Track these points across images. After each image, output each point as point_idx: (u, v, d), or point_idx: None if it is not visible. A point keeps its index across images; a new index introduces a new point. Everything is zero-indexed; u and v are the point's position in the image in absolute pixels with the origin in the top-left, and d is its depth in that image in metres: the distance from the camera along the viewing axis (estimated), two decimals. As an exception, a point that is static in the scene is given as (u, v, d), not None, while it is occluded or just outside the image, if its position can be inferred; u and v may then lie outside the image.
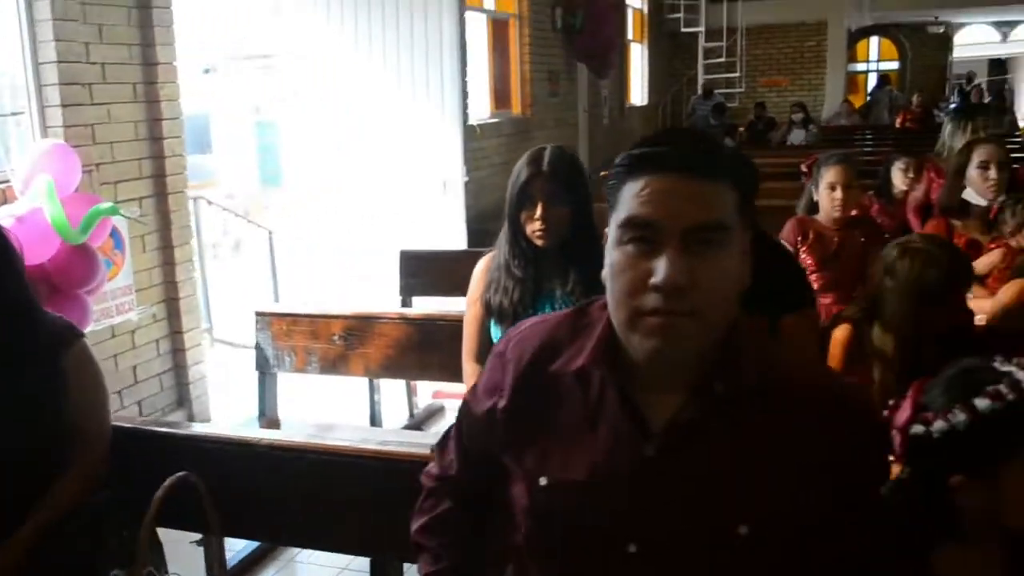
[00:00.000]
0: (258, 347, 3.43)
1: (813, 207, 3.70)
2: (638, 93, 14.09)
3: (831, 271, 3.58)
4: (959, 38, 19.21)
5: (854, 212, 4.43)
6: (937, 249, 2.23)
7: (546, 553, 1.24)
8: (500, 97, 8.43)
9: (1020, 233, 3.28)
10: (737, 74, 14.71)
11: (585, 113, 10.73)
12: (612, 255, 1.14)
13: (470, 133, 7.19)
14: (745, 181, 1.17)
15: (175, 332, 4.51)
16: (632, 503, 1.16)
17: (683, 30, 14.44)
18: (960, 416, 1.33)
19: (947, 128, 4.66)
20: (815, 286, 3.56)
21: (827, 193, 3.52)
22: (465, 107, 6.64)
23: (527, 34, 8.57)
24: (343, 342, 3.21)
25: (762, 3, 15.48)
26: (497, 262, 2.55)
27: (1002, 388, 1.32)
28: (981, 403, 1.32)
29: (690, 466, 1.15)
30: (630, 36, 13.50)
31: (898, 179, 4.89)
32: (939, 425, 1.34)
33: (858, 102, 17.13)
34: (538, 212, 2.40)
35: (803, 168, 3.79)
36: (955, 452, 1.35)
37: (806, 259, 3.59)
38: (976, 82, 18.44)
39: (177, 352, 4.54)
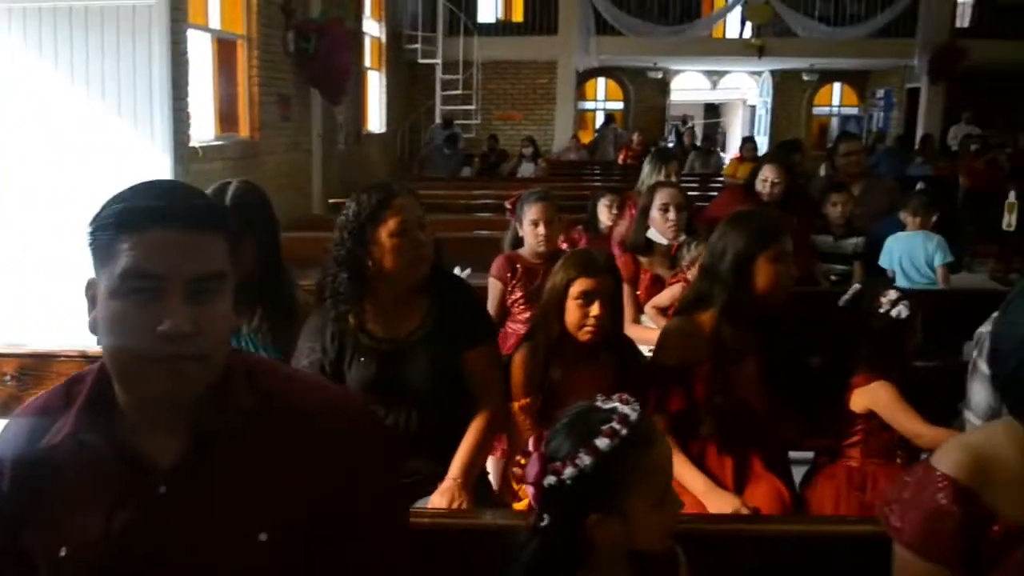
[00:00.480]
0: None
1: (518, 242, 3.86)
2: (376, 120, 14.12)
3: (538, 303, 3.74)
4: (676, 83, 20.79)
5: (562, 245, 4.70)
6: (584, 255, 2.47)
7: None
8: (227, 119, 8.16)
9: (695, 268, 3.59)
10: (473, 106, 15.12)
11: (319, 138, 10.61)
12: (109, 307, 1.19)
13: (191, 155, 6.94)
14: (231, 231, 1.26)
15: None
16: (155, 542, 1.22)
17: (420, 61, 14.68)
18: (586, 459, 1.42)
19: (645, 168, 5.03)
20: (524, 316, 3.73)
21: (531, 229, 3.68)
22: (181, 129, 6.41)
23: (256, 56, 8.37)
24: (15, 383, 2.97)
25: (497, 40, 16.09)
26: None
27: (615, 425, 1.43)
28: (601, 443, 1.42)
29: (204, 493, 1.24)
30: (368, 64, 13.54)
31: (603, 214, 5.18)
32: (569, 471, 1.42)
33: (587, 138, 18.09)
34: None
35: (507, 205, 3.93)
36: (587, 493, 1.43)
37: (515, 293, 3.73)
38: (690, 124, 20.02)
39: None
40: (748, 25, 16.98)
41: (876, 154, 12.32)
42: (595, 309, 2.36)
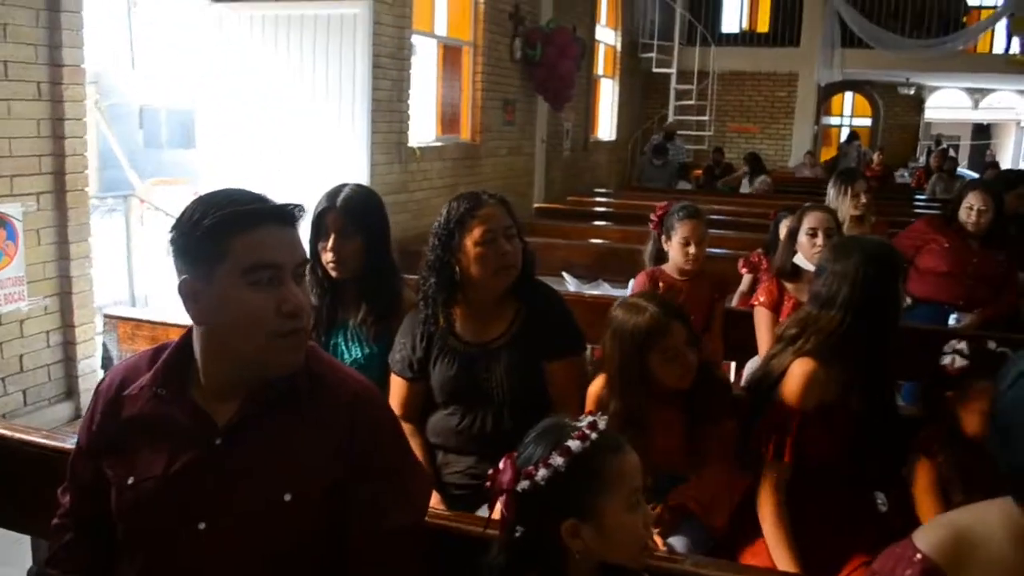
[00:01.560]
0: (104, 348, 3.52)
1: (660, 256, 3.76)
2: (606, 128, 14.23)
3: None
4: (932, 100, 19.46)
5: (742, 269, 4.56)
6: (643, 301, 2.32)
7: (136, 541, 1.48)
8: (449, 122, 8.54)
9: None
10: (707, 117, 14.87)
11: (543, 143, 10.85)
12: (230, 296, 1.39)
13: (409, 155, 7.33)
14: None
15: (67, 325, 4.59)
16: (204, 485, 1.43)
17: (655, 70, 14.62)
18: (559, 459, 1.43)
19: (830, 190, 4.77)
20: None
21: (680, 247, 3.58)
22: (400, 129, 6.79)
23: (480, 62, 8.69)
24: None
25: (736, 50, 15.75)
26: None
27: (585, 429, 1.46)
28: (573, 444, 1.44)
29: (249, 451, 1.44)
30: (601, 72, 13.68)
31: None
32: (543, 473, 1.44)
33: (831, 155, 17.33)
34: (330, 244, 2.52)
35: (652, 217, 3.83)
36: (561, 495, 1.44)
37: None
38: (943, 145, 18.66)
39: (68, 345, 4.62)
40: (1016, 40, 15.57)
41: None
42: (682, 362, 2.28)
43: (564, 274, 5.46)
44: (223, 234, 1.38)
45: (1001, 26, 15.46)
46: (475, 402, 2.38)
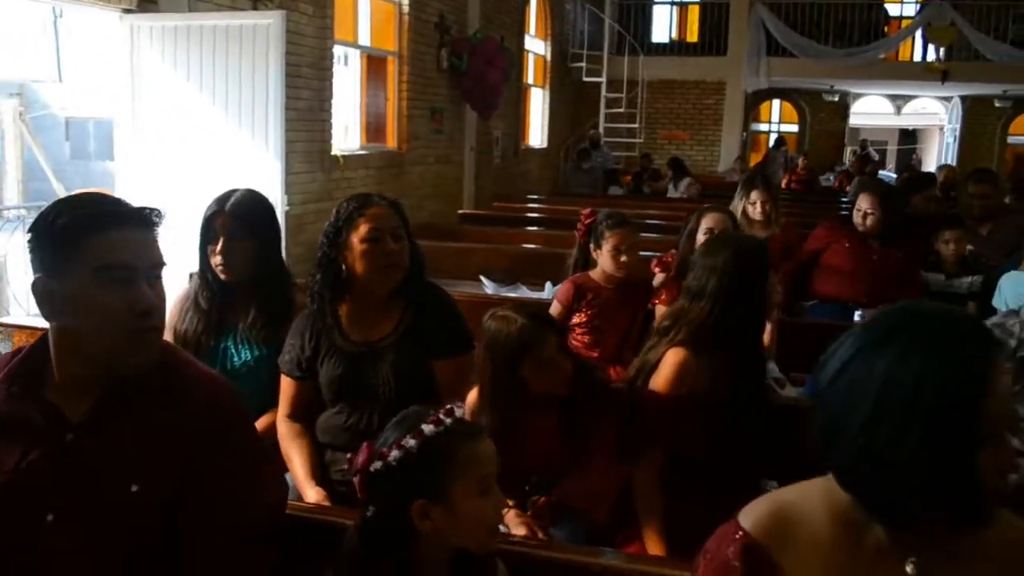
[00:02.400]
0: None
1: (586, 262, 3.80)
2: (537, 136, 14.35)
3: (601, 328, 3.68)
4: (856, 107, 19.96)
5: (655, 268, 4.65)
6: (514, 312, 2.35)
7: None
8: (375, 130, 8.56)
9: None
10: (637, 125, 15.09)
11: (472, 151, 10.92)
12: (82, 296, 1.44)
13: (332, 163, 7.35)
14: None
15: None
16: (51, 482, 1.46)
17: (586, 79, 14.80)
18: (411, 442, 1.49)
19: (737, 193, 4.93)
20: (585, 339, 3.71)
21: (612, 255, 3.59)
22: (322, 138, 6.81)
23: (406, 71, 8.73)
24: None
25: (664, 59, 15.98)
26: (188, 292, 2.68)
27: (442, 415, 1.51)
28: (427, 428, 1.50)
29: (100, 446, 1.49)
30: (531, 81, 13.80)
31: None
32: (395, 454, 1.49)
33: (759, 160, 17.67)
34: (219, 247, 2.55)
35: (579, 225, 3.83)
36: (412, 476, 1.49)
37: (580, 317, 3.72)
38: (866, 151, 19.14)
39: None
40: (934, 48, 16.07)
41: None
42: (556, 371, 2.32)
43: (482, 277, 5.52)
44: (77, 235, 1.43)
45: (920, 35, 15.94)
46: (362, 400, 2.42)
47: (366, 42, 8.28)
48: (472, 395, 2.38)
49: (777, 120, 20.19)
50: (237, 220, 2.57)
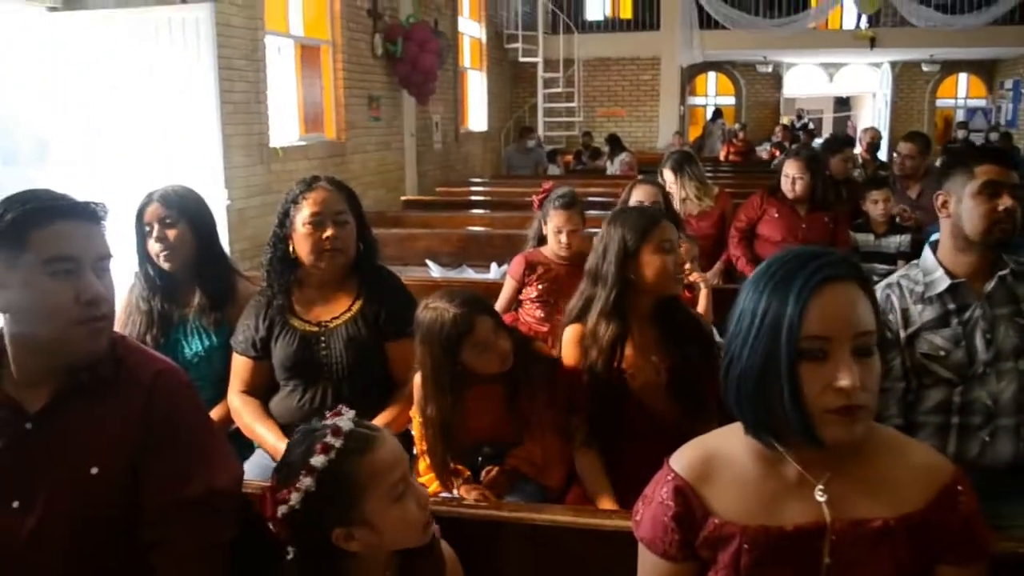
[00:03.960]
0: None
1: (543, 238, 3.83)
2: (477, 119, 14.37)
3: (553, 303, 3.66)
4: (789, 77, 20.28)
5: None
6: (445, 302, 2.31)
7: None
8: (312, 121, 8.52)
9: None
10: (575, 104, 15.18)
11: (412, 138, 10.91)
12: (37, 282, 1.50)
13: (272, 155, 7.31)
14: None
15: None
16: (13, 470, 1.53)
17: (522, 60, 14.83)
18: (307, 480, 1.45)
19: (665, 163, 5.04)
20: (537, 313, 3.76)
21: (554, 235, 3.62)
22: (258, 131, 6.78)
23: (340, 60, 8.70)
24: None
25: (599, 37, 16.10)
26: (129, 299, 2.71)
27: (328, 440, 1.47)
28: (317, 460, 1.46)
29: (58, 433, 1.56)
30: (468, 64, 13.81)
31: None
32: (295, 497, 1.46)
33: (698, 133, 17.88)
34: (155, 233, 2.59)
35: (535, 200, 3.86)
36: (320, 511, 1.47)
37: (531, 291, 3.77)
38: (804, 119, 19.49)
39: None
40: (863, 16, 16.38)
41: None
42: (494, 351, 2.33)
43: (428, 262, 5.57)
44: (24, 228, 1.49)
45: (849, 3, 16.25)
46: (315, 378, 2.48)
47: (299, 32, 8.23)
48: (417, 379, 2.42)
49: (714, 93, 20.43)
50: (167, 206, 2.63)
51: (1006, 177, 2.26)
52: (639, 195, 3.74)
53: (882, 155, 9.23)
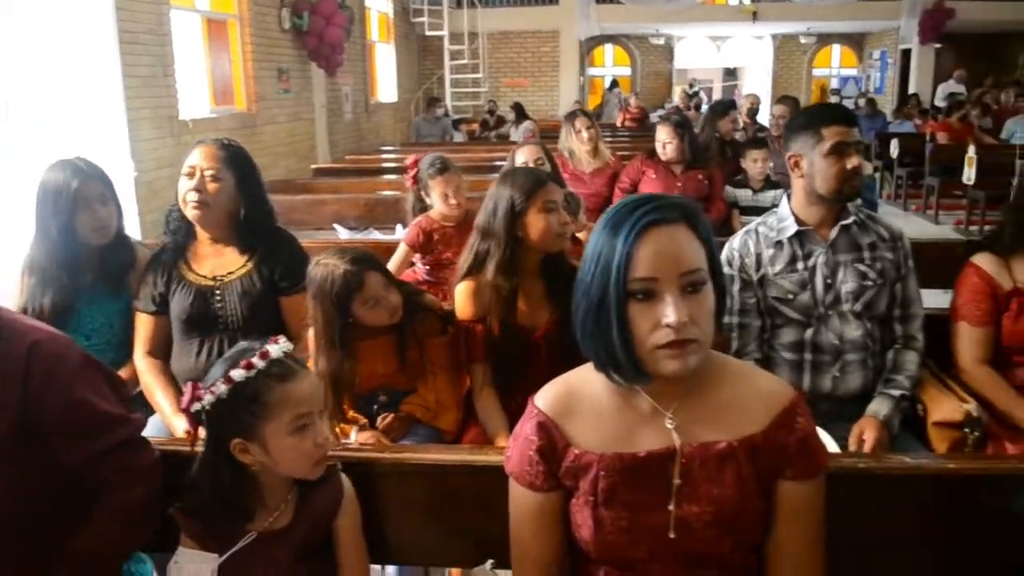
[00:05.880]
0: None
1: (423, 206, 3.75)
2: (388, 90, 14.21)
3: (449, 263, 3.66)
4: (680, 49, 20.54)
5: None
6: (335, 259, 2.31)
7: None
8: (223, 93, 8.32)
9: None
10: (481, 75, 15.14)
11: (323, 109, 10.75)
12: None
13: (181, 128, 7.13)
14: None
15: None
16: None
17: (428, 33, 14.69)
18: (222, 387, 1.52)
19: (562, 130, 5.11)
20: (438, 275, 3.76)
21: (442, 200, 3.58)
22: (168, 104, 6.60)
23: (248, 33, 8.50)
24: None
25: (500, 11, 16.02)
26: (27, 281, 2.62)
27: (254, 360, 1.53)
28: (236, 373, 1.52)
29: None
30: (376, 37, 13.61)
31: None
32: (208, 398, 1.52)
33: (598, 102, 18.01)
34: (96, 213, 2.56)
35: (409, 170, 3.76)
36: (225, 417, 1.53)
37: (432, 257, 3.68)
38: (695, 89, 19.78)
39: None
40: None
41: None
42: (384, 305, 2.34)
43: (336, 226, 5.52)
44: None
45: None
46: (210, 331, 2.47)
47: (205, 6, 7.99)
48: (311, 334, 2.43)
49: (611, 64, 20.56)
50: (106, 185, 2.59)
51: (852, 136, 2.35)
52: (523, 155, 3.75)
53: (765, 120, 9.56)
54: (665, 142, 4.72)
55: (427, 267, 3.74)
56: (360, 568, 1.62)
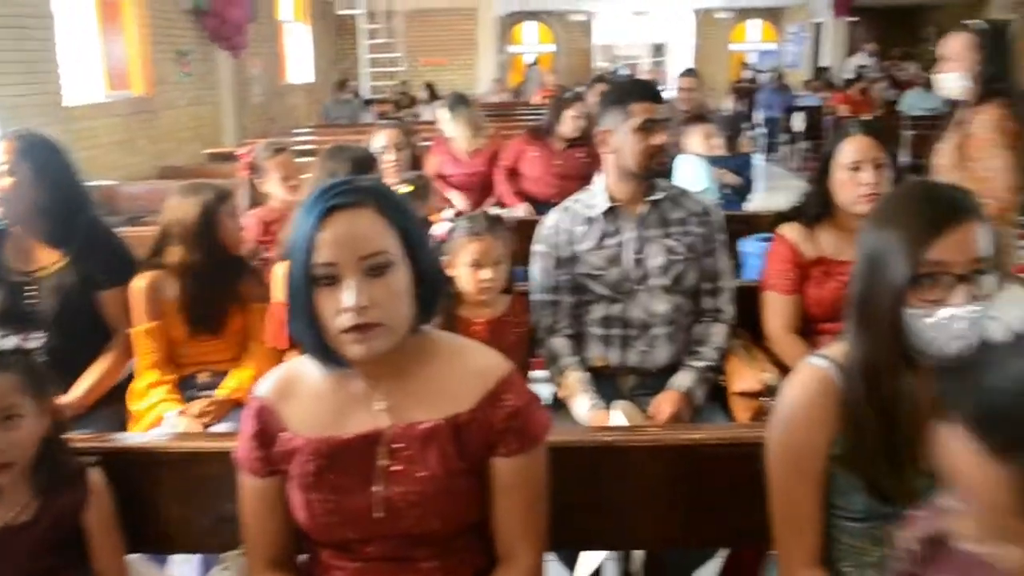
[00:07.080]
0: None
1: (257, 197, 3.59)
2: (302, 71, 14.02)
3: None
4: (603, 25, 20.57)
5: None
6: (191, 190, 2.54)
7: None
8: (118, 77, 8.13)
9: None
10: (399, 54, 15.03)
11: (230, 92, 10.56)
12: None
13: (68, 114, 6.95)
14: None
15: None
16: None
17: (341, 12, 14.53)
18: None
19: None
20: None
21: (282, 185, 3.46)
22: (52, 90, 6.43)
23: (145, 15, 8.30)
24: None
25: (417, -11, 15.91)
26: None
27: None
28: None
29: None
30: (291, 17, 13.42)
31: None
32: None
33: (520, 80, 17.98)
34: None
35: (244, 161, 3.67)
36: None
37: (272, 248, 3.61)
38: (616, 68, 19.86)
39: None
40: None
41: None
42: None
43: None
44: None
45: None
46: (24, 328, 2.46)
47: (95, -14, 7.78)
48: (133, 329, 2.50)
49: (536, 42, 20.52)
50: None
51: (659, 113, 2.41)
52: (382, 140, 3.72)
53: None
54: (573, 116, 4.81)
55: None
56: (110, 557, 1.64)
